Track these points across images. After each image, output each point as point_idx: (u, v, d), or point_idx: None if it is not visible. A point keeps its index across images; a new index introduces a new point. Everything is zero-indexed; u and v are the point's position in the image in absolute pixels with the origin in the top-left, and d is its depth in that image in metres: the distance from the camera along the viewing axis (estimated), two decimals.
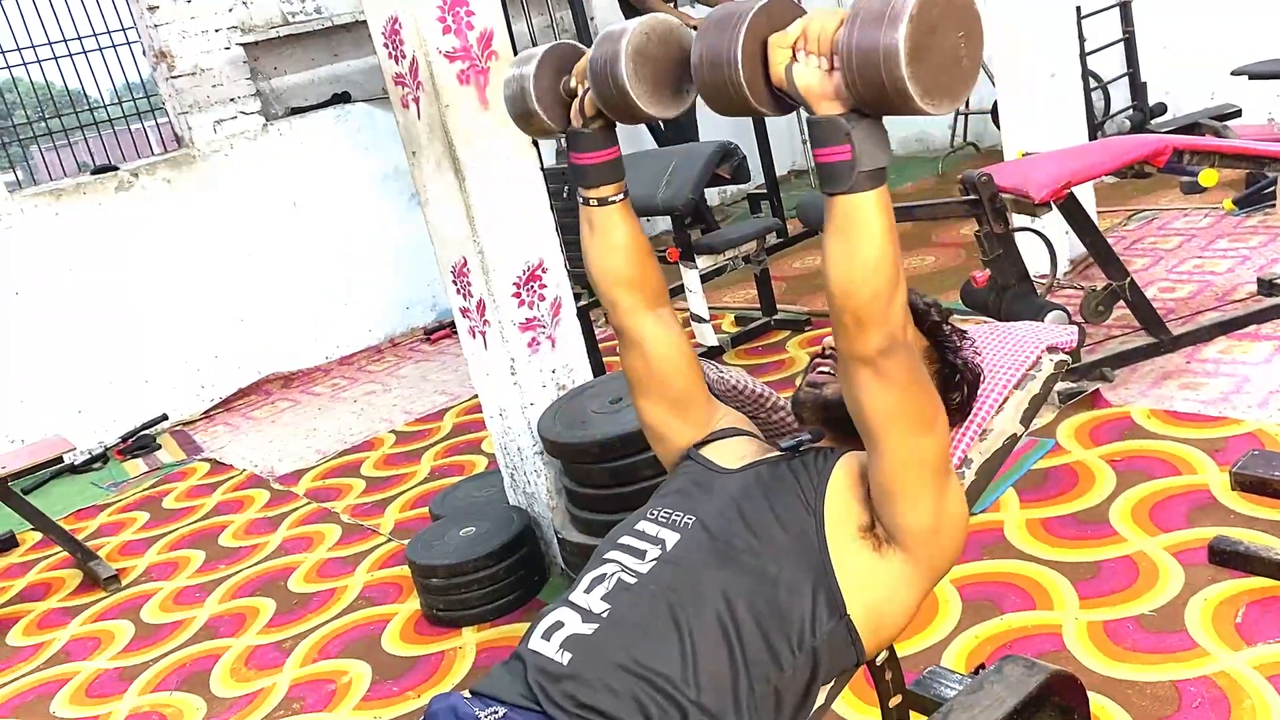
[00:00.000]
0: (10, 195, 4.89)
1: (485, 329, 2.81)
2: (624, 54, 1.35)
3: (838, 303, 1.24)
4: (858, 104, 1.15)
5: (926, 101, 1.10)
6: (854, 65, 1.11)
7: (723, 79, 1.22)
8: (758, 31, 1.20)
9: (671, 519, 1.45)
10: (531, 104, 1.49)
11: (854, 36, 1.11)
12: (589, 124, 1.48)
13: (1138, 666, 2.08)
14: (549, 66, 1.49)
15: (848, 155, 1.17)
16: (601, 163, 1.52)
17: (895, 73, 1.08)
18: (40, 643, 3.31)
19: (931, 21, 1.09)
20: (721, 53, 1.21)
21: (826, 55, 1.17)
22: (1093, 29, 5.41)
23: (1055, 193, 3.01)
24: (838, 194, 1.19)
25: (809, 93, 1.18)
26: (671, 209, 3.92)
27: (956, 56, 1.13)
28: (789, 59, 1.20)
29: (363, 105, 5.78)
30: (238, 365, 5.43)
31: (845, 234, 1.21)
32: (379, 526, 3.58)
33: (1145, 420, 3.01)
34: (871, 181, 1.18)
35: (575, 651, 1.32)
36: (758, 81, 1.21)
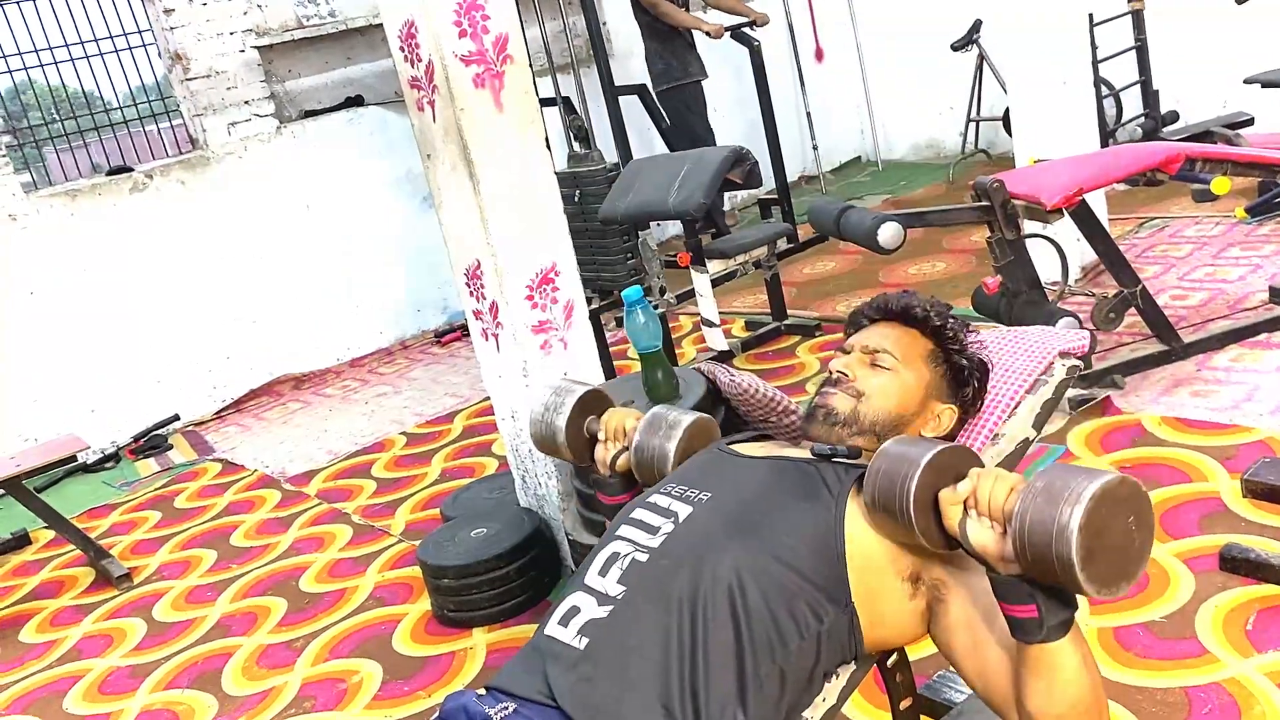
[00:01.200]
0: (26, 196, 4.92)
1: (498, 331, 2.82)
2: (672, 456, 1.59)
3: None
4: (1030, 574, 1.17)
5: (1103, 593, 1.13)
6: (1028, 553, 1.14)
7: (897, 527, 1.28)
8: (928, 484, 1.24)
9: (685, 494, 1.47)
10: (560, 444, 1.73)
11: (1027, 533, 1.13)
12: (614, 475, 1.70)
13: (1148, 673, 2.09)
14: (578, 413, 1.73)
15: (1034, 613, 1.19)
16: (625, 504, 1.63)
17: (1073, 579, 1.11)
18: (53, 640, 3.33)
19: (1099, 524, 1.11)
20: (893, 503, 1.26)
21: (1000, 522, 1.20)
22: (1105, 36, 5.41)
23: (1067, 199, 3.01)
24: (1031, 645, 1.21)
25: (985, 553, 1.22)
26: (684, 213, 3.92)
27: (1129, 540, 1.14)
28: (962, 514, 1.24)
29: (376, 108, 5.81)
30: (249, 366, 5.45)
31: (1043, 678, 1.23)
32: (390, 527, 3.59)
33: (1156, 427, 3.01)
34: (1062, 630, 1.20)
35: (592, 636, 1.34)
36: (932, 531, 1.26)
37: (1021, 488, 1.17)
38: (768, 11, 6.30)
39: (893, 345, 1.58)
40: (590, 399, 1.74)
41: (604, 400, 1.76)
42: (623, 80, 6.03)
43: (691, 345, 4.69)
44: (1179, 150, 3.04)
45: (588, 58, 5.96)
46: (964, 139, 6.80)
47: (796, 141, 7.23)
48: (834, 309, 4.72)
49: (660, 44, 5.95)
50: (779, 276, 4.56)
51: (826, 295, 4.96)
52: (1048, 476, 1.14)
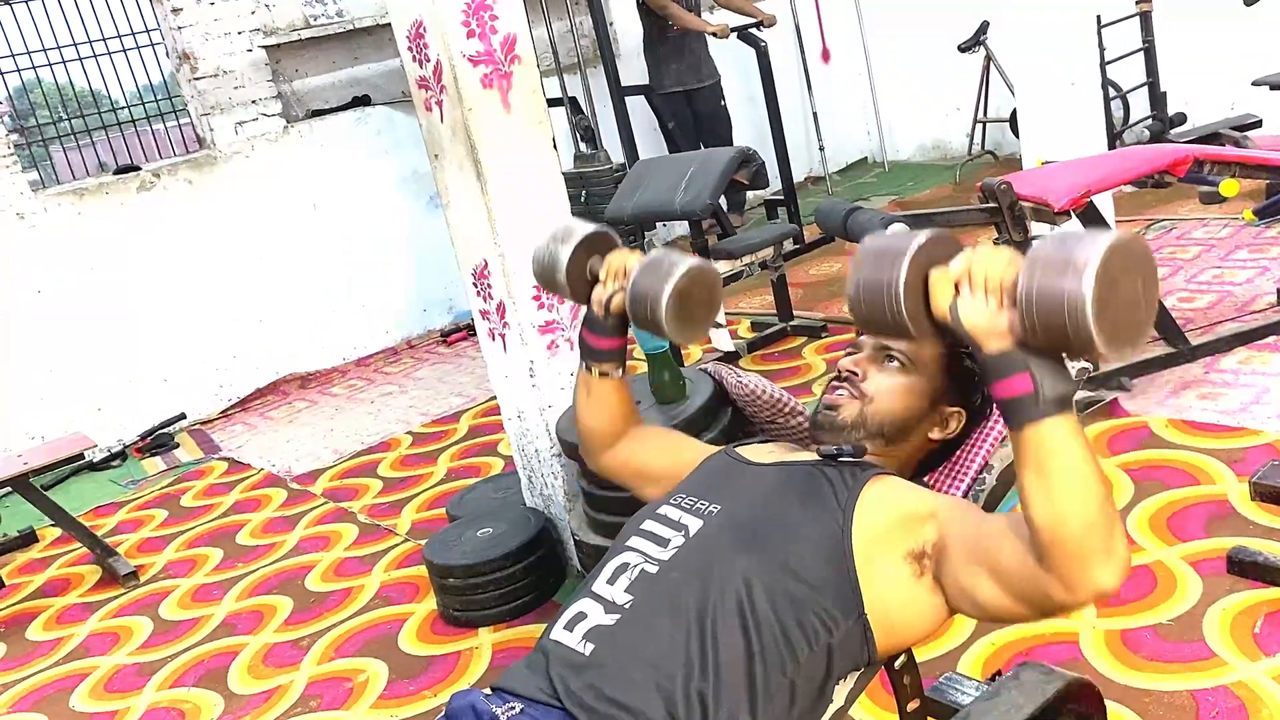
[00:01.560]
0: (34, 194, 4.93)
1: (505, 331, 2.83)
2: (666, 298, 1.50)
3: (1049, 547, 1.16)
4: (1030, 344, 1.14)
5: (1109, 349, 1.09)
6: (1035, 313, 1.10)
7: (881, 310, 1.23)
8: (920, 265, 1.21)
9: (696, 506, 1.46)
10: (560, 277, 1.64)
11: (1035, 284, 1.10)
12: (609, 318, 1.63)
13: (1155, 675, 2.08)
14: (584, 249, 1.65)
15: (1029, 387, 1.14)
16: (612, 349, 1.67)
17: (1082, 325, 1.07)
18: (60, 638, 3.34)
19: (1114, 273, 1.09)
20: (883, 285, 1.22)
21: (997, 297, 1.16)
22: (1112, 38, 5.40)
23: (1075, 201, 3.01)
24: (1026, 425, 1.16)
25: (976, 330, 1.17)
26: (690, 214, 3.93)
27: (1136, 302, 1.12)
28: (953, 296, 1.20)
29: (382, 108, 5.82)
30: (256, 365, 5.46)
31: (1041, 468, 1.15)
32: (396, 527, 3.59)
33: (1163, 430, 3.01)
34: (1059, 407, 1.15)
35: (598, 642, 1.34)
36: (919, 314, 1.22)
37: (1018, 258, 1.15)
38: (775, 12, 6.30)
39: (904, 346, 1.58)
40: (598, 237, 1.66)
41: (611, 241, 1.68)
42: (629, 80, 6.03)
43: (697, 346, 4.69)
44: (1187, 152, 3.04)
45: (594, 58, 5.96)
46: (971, 140, 6.79)
47: (803, 142, 7.23)
48: (840, 310, 4.71)
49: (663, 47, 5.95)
50: (785, 277, 4.55)
51: (833, 296, 4.95)
52: (1051, 241, 1.12)
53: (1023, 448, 1.17)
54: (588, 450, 1.77)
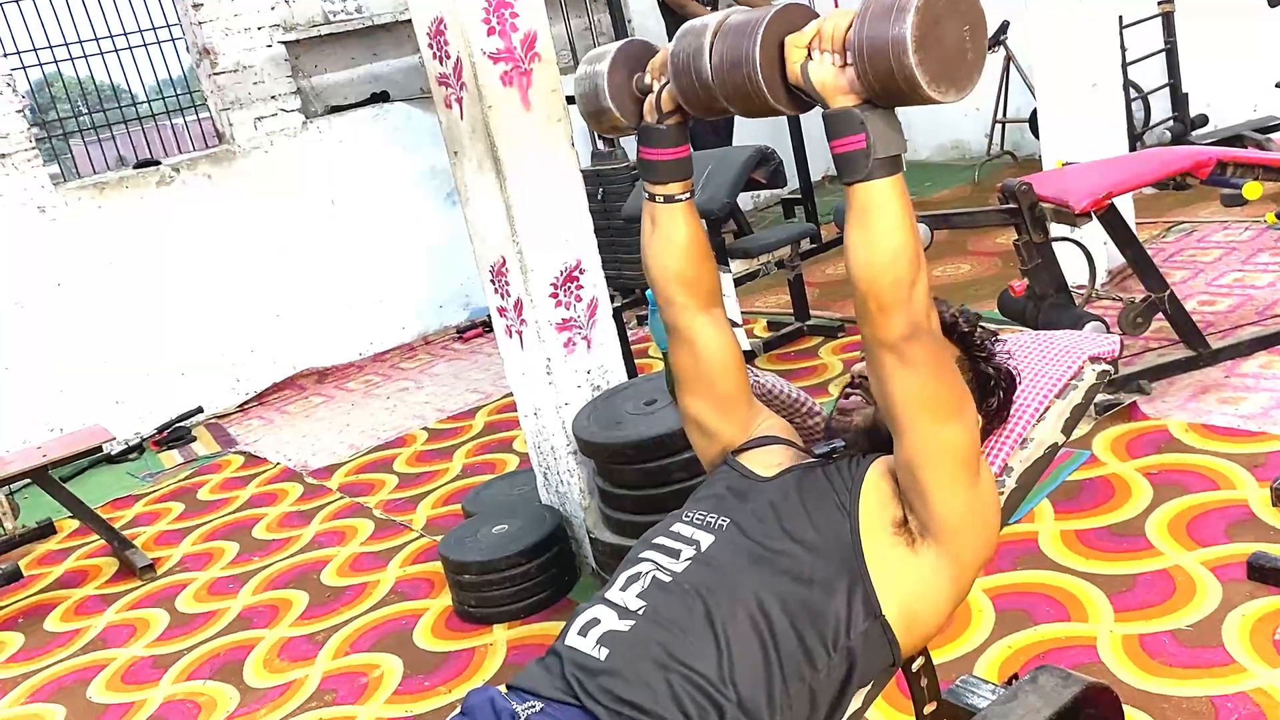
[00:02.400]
0: (54, 188, 4.96)
1: (522, 328, 2.83)
2: (707, 48, 1.37)
3: (861, 290, 1.28)
4: (870, 96, 1.22)
5: (934, 89, 1.17)
6: (865, 57, 1.18)
7: (741, 78, 1.29)
8: (775, 33, 1.27)
9: (706, 521, 1.47)
10: (605, 101, 1.52)
11: (864, 30, 1.18)
12: (663, 120, 1.50)
13: (1174, 681, 2.07)
14: (621, 64, 1.52)
15: (862, 143, 1.22)
16: (673, 159, 1.53)
17: (904, 61, 1.15)
18: (77, 629, 3.36)
19: (936, 13, 1.16)
20: (741, 54, 1.28)
21: (839, 51, 1.23)
22: (1134, 39, 5.37)
23: (1096, 203, 2.99)
24: (855, 182, 1.24)
25: (823, 88, 1.25)
26: (707, 213, 3.92)
27: (962, 48, 1.19)
28: (804, 58, 1.26)
29: (401, 104, 5.83)
30: (273, 360, 5.48)
31: (864, 222, 1.26)
32: (411, 522, 3.60)
33: (1183, 434, 2.99)
34: (887, 169, 1.23)
35: (612, 647, 1.34)
36: (775, 81, 1.29)
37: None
38: None
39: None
40: (634, 48, 1.54)
41: (649, 48, 1.55)
42: None
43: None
44: (1210, 155, 3.01)
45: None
46: (990, 141, 6.76)
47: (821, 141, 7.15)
48: None
49: None
50: (802, 276, 4.55)
51: (849, 296, 4.92)
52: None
53: (851, 203, 1.27)
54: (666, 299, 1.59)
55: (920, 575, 1.37)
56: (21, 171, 4.83)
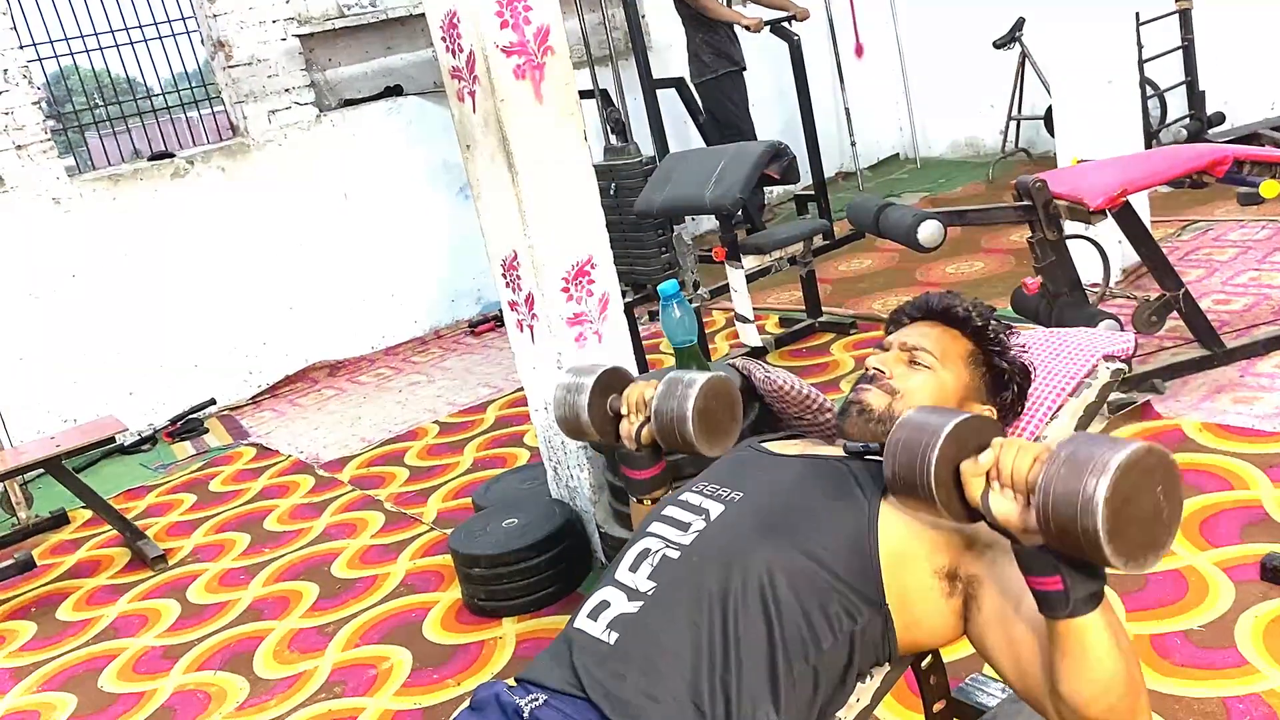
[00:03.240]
0: (69, 180, 4.98)
1: (533, 323, 2.83)
2: (691, 417, 1.55)
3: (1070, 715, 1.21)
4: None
5: (1130, 566, 1.08)
6: (1053, 527, 1.09)
7: (919, 501, 1.23)
8: (949, 457, 1.19)
9: (718, 493, 1.46)
10: (584, 423, 1.69)
11: (1050, 501, 1.09)
12: (641, 449, 1.67)
13: (1185, 682, 2.06)
14: (599, 393, 1.70)
15: (1059, 586, 1.14)
16: (653, 476, 1.69)
17: (1099, 554, 1.07)
18: (89, 619, 3.38)
19: (1126, 494, 1.06)
20: (915, 479, 1.21)
21: (1023, 493, 1.15)
22: (1150, 36, 5.34)
23: (1111, 200, 2.97)
24: (1058, 619, 1.17)
25: (1009, 525, 1.17)
26: (720, 208, 3.91)
27: (1157, 511, 1.09)
28: (984, 487, 1.19)
29: (414, 98, 5.83)
30: (285, 353, 5.50)
31: (1072, 656, 1.18)
32: (422, 515, 3.61)
33: (1197, 433, 2.97)
34: (1090, 604, 1.15)
35: (622, 631, 1.34)
36: (955, 506, 1.21)
37: (1045, 457, 1.12)
38: (808, 6, 6.26)
39: (932, 344, 1.56)
40: (609, 377, 1.72)
41: (624, 377, 1.74)
42: (661, 73, 6.01)
43: (724, 340, 4.68)
44: (1227, 152, 2.99)
45: (626, 50, 5.95)
46: (1004, 138, 6.73)
47: (834, 137, 7.18)
48: (869, 307, 4.69)
49: (702, 36, 5.92)
50: (814, 273, 4.53)
51: (862, 293, 4.92)
52: (1072, 446, 1.10)
53: (1054, 635, 1.18)
54: None
55: (939, 609, 1.35)
56: (37, 163, 4.85)
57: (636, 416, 1.65)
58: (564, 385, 1.72)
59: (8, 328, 4.75)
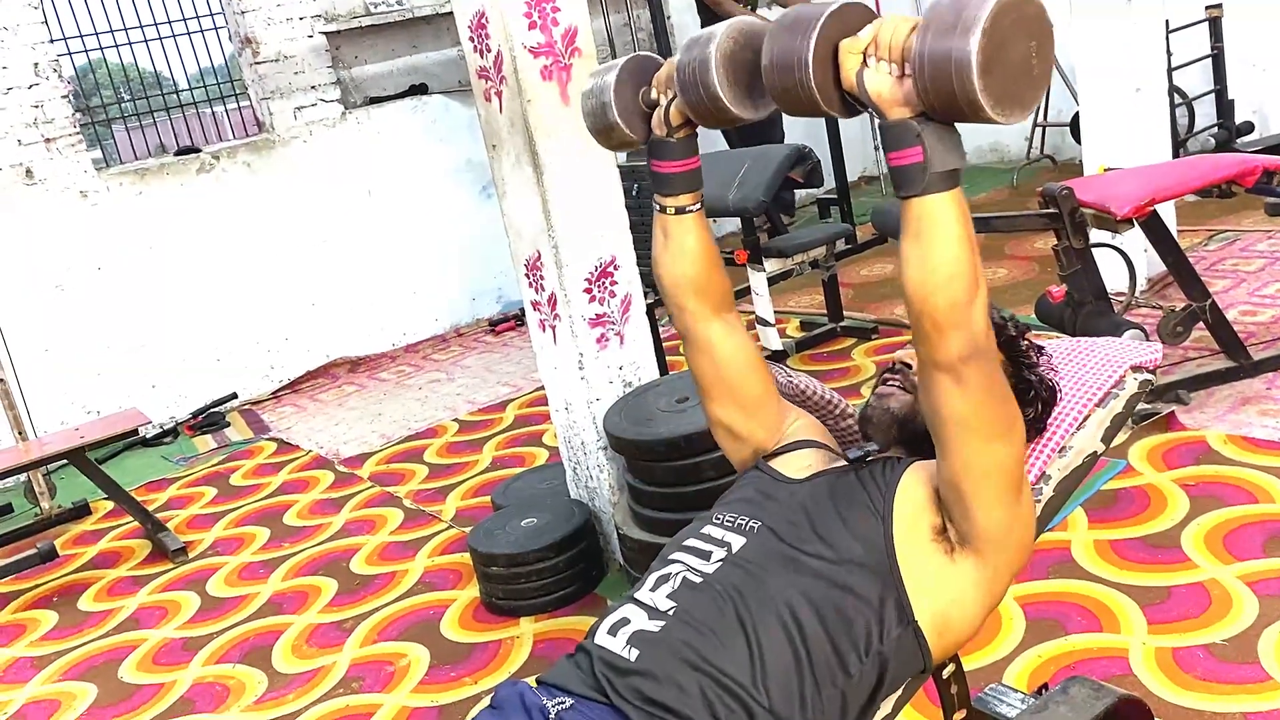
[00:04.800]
0: (96, 173, 5.02)
1: (555, 323, 2.83)
2: (714, 60, 1.35)
3: (915, 308, 1.24)
4: (929, 110, 1.16)
5: (997, 111, 1.11)
6: (926, 74, 1.12)
7: (793, 82, 1.23)
8: (829, 36, 1.21)
9: (737, 523, 1.46)
10: (613, 116, 1.50)
11: (926, 46, 1.12)
12: (673, 133, 1.49)
13: (1207, 696, 2.04)
14: (627, 79, 1.51)
15: (919, 157, 1.17)
16: (683, 172, 1.52)
17: (968, 83, 1.09)
18: (110, 609, 3.40)
19: (1003, 33, 1.09)
20: (792, 56, 1.22)
21: (898, 62, 1.17)
22: (1180, 43, 5.30)
23: (1138, 209, 2.95)
24: (911, 197, 1.20)
25: (880, 99, 1.19)
26: (743, 211, 3.91)
27: (1028, 66, 1.13)
28: (860, 64, 1.20)
29: (439, 97, 5.85)
30: (307, 348, 5.53)
31: (921, 237, 1.21)
32: (440, 513, 3.62)
33: (1221, 445, 2.94)
34: (945, 183, 1.19)
35: (642, 648, 1.33)
36: (828, 86, 1.22)
37: (922, 25, 1.14)
38: None
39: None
40: (640, 61, 1.53)
41: (655, 61, 1.54)
42: None
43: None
44: (1256, 162, 2.97)
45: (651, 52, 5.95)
46: (1029, 144, 6.70)
47: (858, 141, 7.16)
48: (891, 312, 4.67)
49: None
50: (836, 277, 4.52)
51: (884, 298, 4.91)
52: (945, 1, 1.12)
53: (907, 216, 1.21)
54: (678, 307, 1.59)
55: (956, 583, 1.36)
56: (65, 156, 4.89)
57: (666, 95, 1.48)
58: (592, 76, 1.57)
59: (34, 319, 4.79)
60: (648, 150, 1.53)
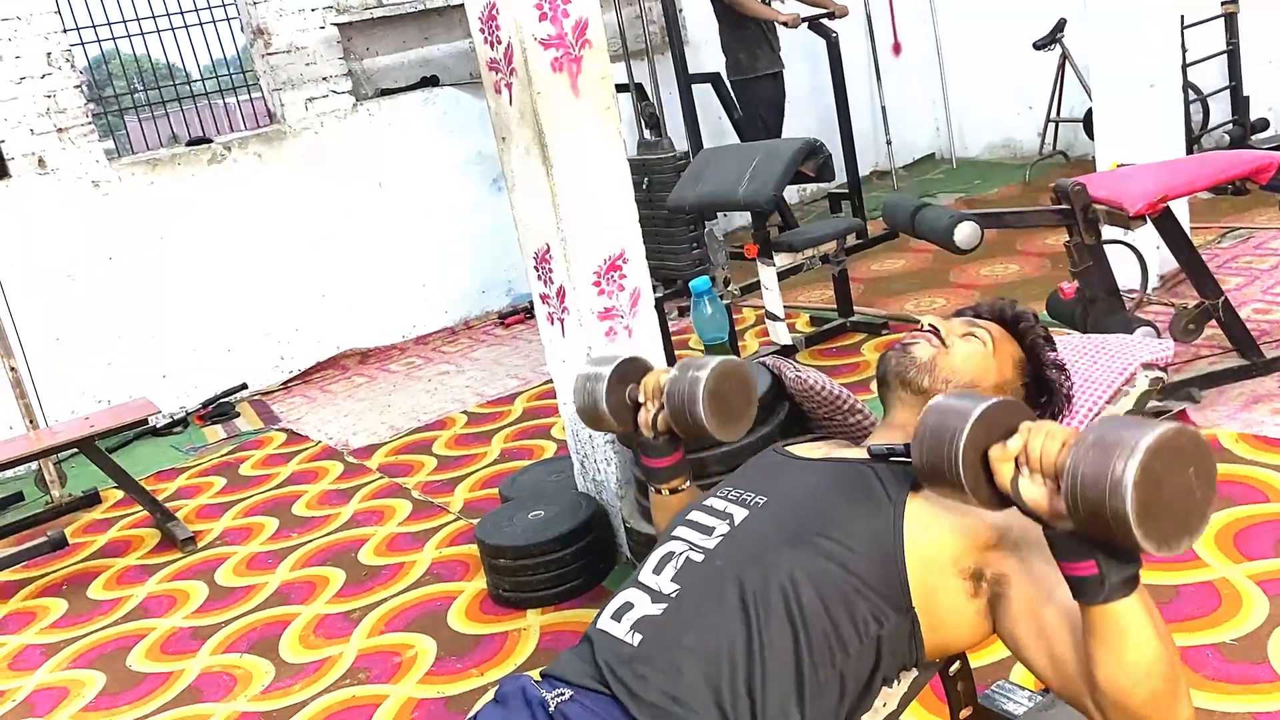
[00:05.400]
0: (109, 163, 5.04)
1: (564, 316, 2.83)
2: (702, 399, 1.56)
3: (1109, 708, 1.19)
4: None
5: (1162, 550, 1.05)
6: (1084, 515, 1.07)
7: (947, 487, 1.20)
8: (977, 446, 1.17)
9: (742, 497, 1.46)
10: (603, 411, 1.70)
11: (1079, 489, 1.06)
12: (658, 436, 1.67)
13: (1216, 696, 2.03)
14: (617, 381, 1.71)
15: (1094, 570, 1.12)
16: (671, 465, 1.70)
17: (1129, 537, 1.04)
18: (119, 598, 3.42)
19: (1156, 477, 1.03)
20: (943, 464, 1.18)
21: (1052, 478, 1.13)
22: (1195, 39, 5.26)
23: (1152, 206, 2.93)
24: (1093, 605, 1.15)
25: (1038, 510, 1.14)
26: (753, 205, 3.90)
27: (1188, 494, 1.07)
28: (1014, 473, 1.16)
29: (450, 89, 5.85)
30: (317, 339, 5.54)
31: (1109, 644, 1.16)
32: (449, 504, 3.62)
33: (1233, 444, 2.93)
34: (1126, 589, 1.13)
35: (645, 632, 1.33)
36: (983, 492, 1.18)
37: (1073, 441, 1.10)
38: (846, 3, 6.22)
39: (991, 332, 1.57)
40: (627, 367, 1.72)
41: (642, 366, 1.74)
42: (696, 68, 5.99)
43: (755, 338, 4.66)
44: (1271, 159, 2.95)
45: (662, 45, 5.94)
46: (1042, 140, 6.67)
47: (870, 136, 7.14)
48: (901, 307, 4.66)
49: (734, 35, 5.90)
50: (847, 272, 4.50)
51: (894, 293, 4.89)
52: (1100, 429, 1.07)
53: (1089, 622, 1.16)
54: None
55: (963, 610, 1.34)
56: (78, 146, 4.91)
57: (653, 404, 1.66)
58: (583, 375, 1.74)
59: (45, 308, 4.81)
60: (637, 448, 1.75)
